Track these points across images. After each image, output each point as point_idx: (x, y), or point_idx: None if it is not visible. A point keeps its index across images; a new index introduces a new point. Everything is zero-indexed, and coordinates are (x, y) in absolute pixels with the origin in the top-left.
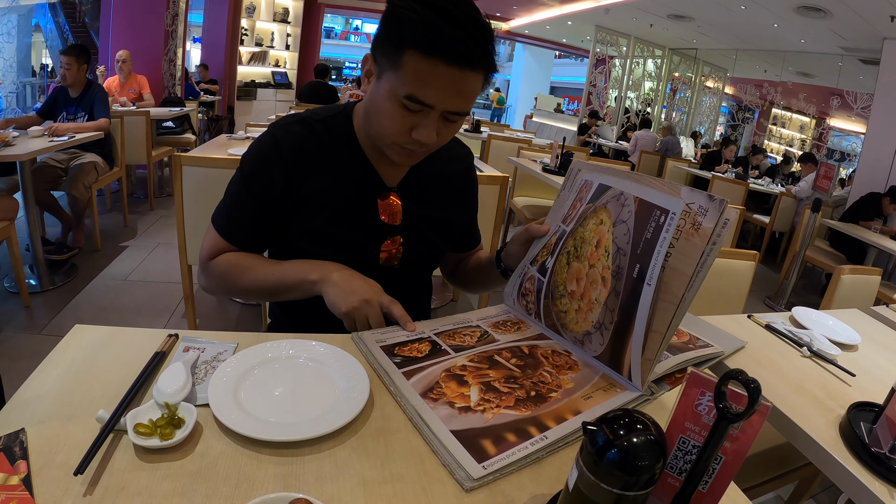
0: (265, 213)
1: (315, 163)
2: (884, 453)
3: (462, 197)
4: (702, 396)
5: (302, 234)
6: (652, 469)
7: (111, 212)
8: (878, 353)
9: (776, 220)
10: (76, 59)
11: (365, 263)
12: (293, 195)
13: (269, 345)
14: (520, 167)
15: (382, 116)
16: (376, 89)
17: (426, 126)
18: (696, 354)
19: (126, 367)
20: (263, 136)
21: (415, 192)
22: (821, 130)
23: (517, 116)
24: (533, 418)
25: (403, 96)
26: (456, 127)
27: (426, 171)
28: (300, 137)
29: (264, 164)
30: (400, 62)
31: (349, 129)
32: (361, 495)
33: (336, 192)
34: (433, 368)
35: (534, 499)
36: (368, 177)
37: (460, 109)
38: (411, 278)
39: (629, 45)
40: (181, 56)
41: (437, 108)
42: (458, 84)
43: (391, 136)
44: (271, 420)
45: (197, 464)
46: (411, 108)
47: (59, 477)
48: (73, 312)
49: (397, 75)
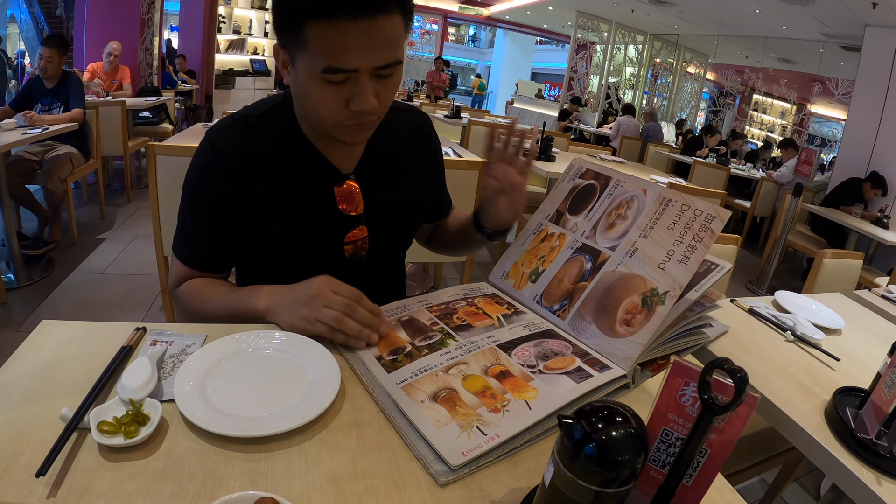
0: (219, 229)
1: (260, 162)
2: (870, 439)
3: (426, 168)
4: (686, 387)
5: (261, 242)
6: (632, 464)
7: (88, 204)
8: (862, 337)
9: (757, 205)
10: (58, 50)
11: (330, 260)
12: (242, 201)
13: (237, 336)
14: None
15: (312, 101)
16: (296, 76)
17: (360, 93)
18: (680, 339)
19: (93, 362)
20: (200, 146)
21: (373, 173)
22: (802, 116)
23: (498, 102)
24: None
25: (322, 71)
26: (395, 82)
27: (382, 148)
28: (238, 139)
29: (206, 175)
30: (304, 38)
31: (291, 120)
32: (331, 492)
33: (288, 189)
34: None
35: (511, 492)
36: (320, 166)
37: (388, 61)
38: (382, 266)
39: (610, 31)
40: (158, 45)
41: (362, 68)
42: (372, 35)
43: (329, 117)
44: (239, 415)
45: (162, 462)
46: (336, 81)
47: (23, 479)
48: (51, 308)
49: (307, 53)
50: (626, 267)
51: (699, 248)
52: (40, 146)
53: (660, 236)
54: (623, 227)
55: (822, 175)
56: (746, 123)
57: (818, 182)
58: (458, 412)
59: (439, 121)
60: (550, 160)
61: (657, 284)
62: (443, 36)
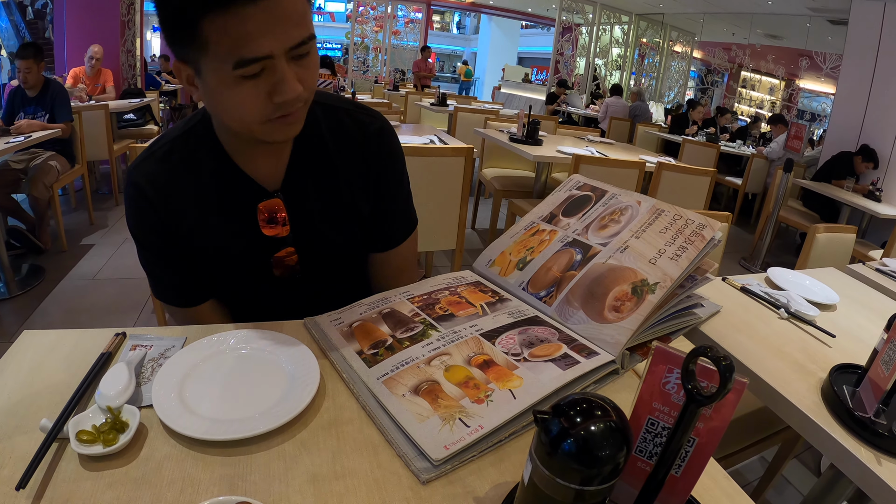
0: (173, 261)
1: (181, 191)
2: (868, 417)
3: (374, 175)
4: (669, 374)
5: (201, 268)
6: (614, 460)
7: (76, 210)
8: (857, 312)
9: (748, 182)
10: (34, 59)
11: (262, 281)
12: (176, 230)
13: (215, 338)
14: (487, 138)
15: (230, 105)
16: (205, 87)
17: (281, 80)
18: (670, 321)
19: (73, 371)
20: (125, 186)
21: (303, 186)
22: (790, 92)
23: (485, 89)
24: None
25: (233, 67)
26: (313, 61)
27: (314, 156)
28: (154, 171)
29: (138, 214)
30: (204, 39)
31: (211, 137)
32: (311, 493)
33: (212, 212)
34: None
35: (496, 487)
36: (243, 185)
37: (301, 38)
38: (327, 284)
39: (595, 12)
40: (139, 46)
41: (276, 52)
42: (276, 14)
43: (253, 117)
44: (217, 418)
45: (141, 469)
46: (251, 74)
47: (3, 493)
48: (42, 317)
49: (211, 55)
50: (617, 260)
51: (690, 249)
52: (24, 154)
53: (652, 237)
54: (615, 228)
55: (813, 150)
56: (735, 100)
57: (809, 157)
58: (440, 405)
59: (426, 109)
60: (538, 143)
61: (648, 276)
62: (427, 24)
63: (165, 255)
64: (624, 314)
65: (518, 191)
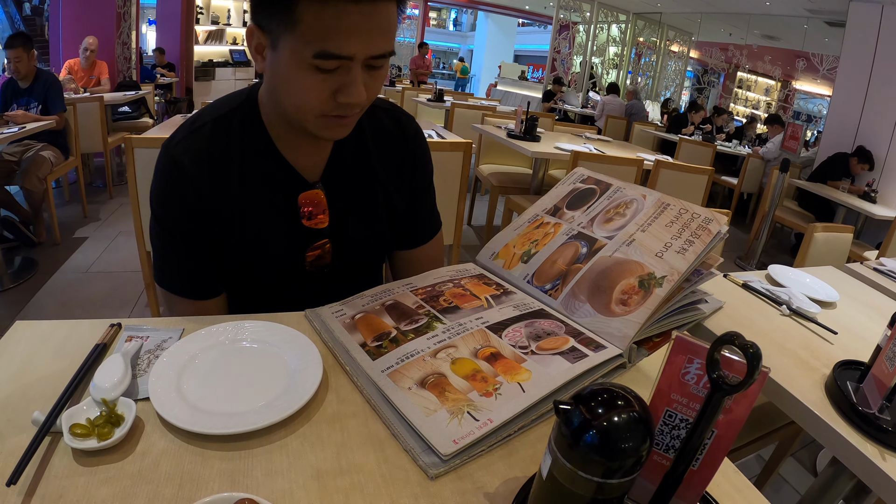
0: (196, 247)
1: (224, 172)
2: (873, 413)
3: (408, 174)
4: (689, 364)
5: (226, 255)
6: (637, 451)
7: (70, 203)
8: (858, 310)
9: (744, 182)
10: (23, 49)
11: (291, 272)
12: (213, 213)
13: (214, 328)
14: (484, 134)
15: (295, 89)
16: (275, 62)
17: (351, 83)
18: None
19: (67, 363)
20: (161, 163)
21: (341, 180)
22: (786, 93)
23: (481, 86)
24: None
25: (313, 56)
26: (383, 74)
27: (354, 151)
28: (201, 148)
29: (172, 193)
30: (296, 18)
31: (257, 120)
32: (315, 490)
33: (250, 199)
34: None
35: (507, 482)
36: (284, 174)
37: (384, 50)
38: (349, 277)
39: (593, 11)
40: (135, 39)
41: (358, 56)
42: (373, 21)
43: (314, 109)
44: (216, 411)
45: (138, 464)
46: (327, 68)
47: None
48: (36, 310)
49: (296, 35)
50: (623, 254)
51: (696, 243)
52: (18, 146)
53: (658, 231)
54: (621, 222)
55: (809, 151)
56: (731, 101)
57: (805, 157)
58: (447, 398)
59: (423, 104)
60: (535, 140)
61: (654, 270)
62: (424, 20)
63: (188, 236)
64: (631, 308)
65: (515, 187)
